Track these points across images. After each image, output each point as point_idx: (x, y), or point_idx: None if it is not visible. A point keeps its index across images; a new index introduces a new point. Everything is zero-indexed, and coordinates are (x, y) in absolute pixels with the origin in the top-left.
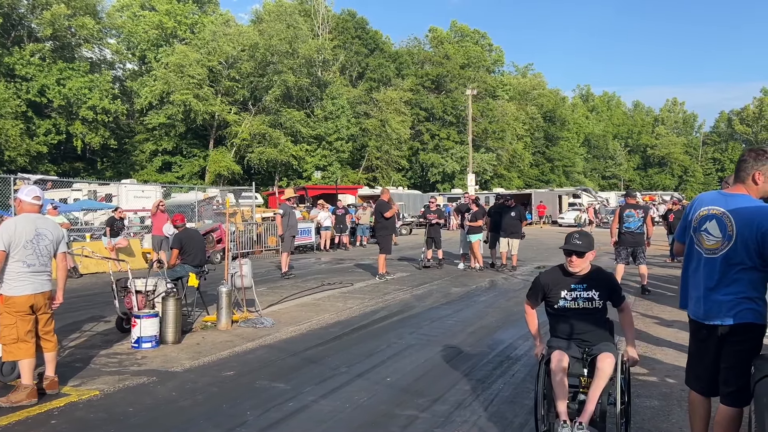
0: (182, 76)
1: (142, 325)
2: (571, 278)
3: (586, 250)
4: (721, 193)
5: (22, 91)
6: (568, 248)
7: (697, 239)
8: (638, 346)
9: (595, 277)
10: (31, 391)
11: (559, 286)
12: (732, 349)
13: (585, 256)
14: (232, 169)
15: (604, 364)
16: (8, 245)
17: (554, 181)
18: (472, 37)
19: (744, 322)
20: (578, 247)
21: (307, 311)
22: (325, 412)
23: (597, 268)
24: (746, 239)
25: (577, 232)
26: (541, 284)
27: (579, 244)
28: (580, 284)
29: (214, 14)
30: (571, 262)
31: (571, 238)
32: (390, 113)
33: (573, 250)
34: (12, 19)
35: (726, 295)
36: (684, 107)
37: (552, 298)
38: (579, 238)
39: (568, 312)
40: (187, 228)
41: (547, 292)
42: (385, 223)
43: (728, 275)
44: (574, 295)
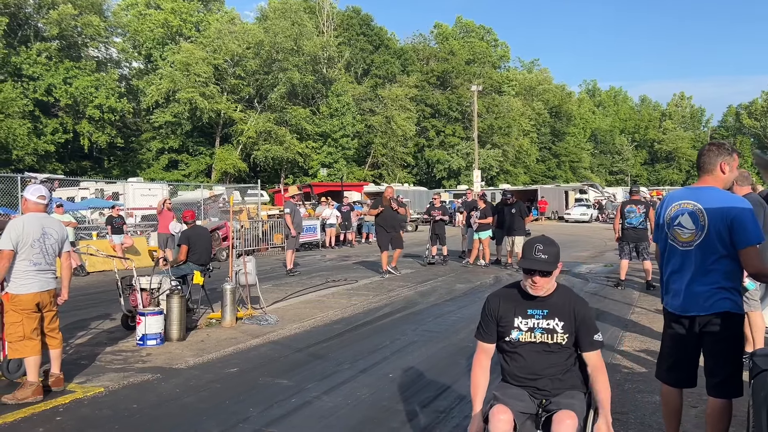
0: (188, 75)
1: (146, 322)
2: (530, 301)
3: (552, 267)
4: (689, 188)
5: (29, 90)
6: (528, 266)
7: (672, 235)
8: (643, 341)
9: (561, 301)
10: (36, 388)
11: (514, 312)
12: (712, 339)
13: (551, 275)
14: (239, 166)
15: (561, 428)
16: (16, 244)
17: (561, 177)
18: (477, 33)
19: (721, 311)
20: (542, 264)
21: (311, 308)
22: (327, 408)
23: (565, 288)
24: (718, 228)
25: (540, 240)
26: (490, 310)
27: (543, 259)
28: (539, 309)
29: (219, 12)
30: (534, 285)
31: (531, 249)
32: (395, 110)
33: (535, 269)
34: (19, 19)
35: (702, 286)
36: (691, 102)
37: (504, 327)
38: (543, 250)
39: (523, 347)
40: (195, 225)
41: (499, 320)
42: (378, 220)
43: (704, 266)
44: (530, 323)
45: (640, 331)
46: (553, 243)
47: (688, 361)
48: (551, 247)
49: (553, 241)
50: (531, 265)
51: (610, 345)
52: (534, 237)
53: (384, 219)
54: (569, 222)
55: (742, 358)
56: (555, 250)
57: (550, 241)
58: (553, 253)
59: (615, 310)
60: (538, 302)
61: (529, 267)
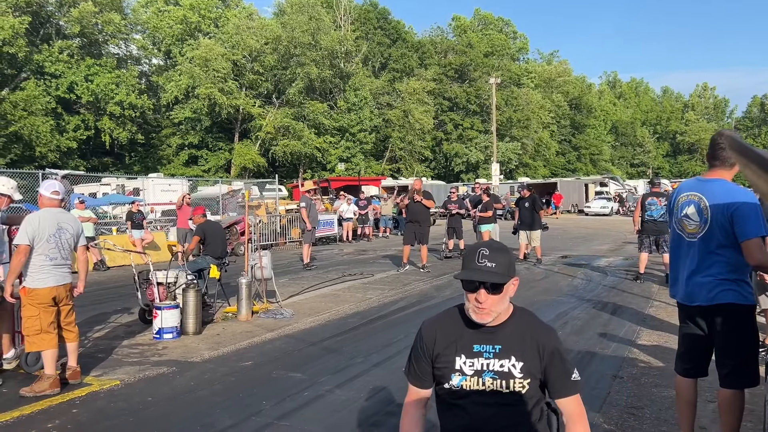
0: (207, 70)
1: (163, 316)
2: (476, 333)
3: (504, 279)
4: (698, 179)
5: (51, 88)
6: (468, 276)
7: (679, 225)
8: (661, 335)
9: (519, 332)
10: (54, 381)
11: (454, 348)
12: (719, 330)
13: (502, 291)
14: (257, 162)
15: None
16: (32, 239)
17: (581, 170)
18: (496, 25)
19: (724, 302)
20: (489, 275)
21: (326, 302)
22: (340, 402)
23: (525, 314)
24: (720, 221)
25: (486, 245)
26: (423, 344)
27: (490, 268)
28: (489, 344)
29: (237, 8)
30: (479, 306)
31: (474, 255)
32: (413, 104)
33: (479, 281)
34: (41, 17)
35: (706, 277)
36: (715, 92)
37: (442, 370)
38: (490, 256)
39: (468, 398)
40: (208, 219)
41: (435, 358)
42: (407, 214)
43: (708, 258)
44: (477, 364)
45: (659, 325)
46: (504, 250)
47: (697, 351)
48: (501, 255)
49: (504, 248)
50: (472, 275)
51: (627, 338)
52: (481, 242)
53: (409, 212)
54: (589, 215)
55: (751, 349)
56: (506, 259)
57: (501, 247)
58: (504, 262)
59: (633, 303)
60: (487, 334)
61: (469, 278)
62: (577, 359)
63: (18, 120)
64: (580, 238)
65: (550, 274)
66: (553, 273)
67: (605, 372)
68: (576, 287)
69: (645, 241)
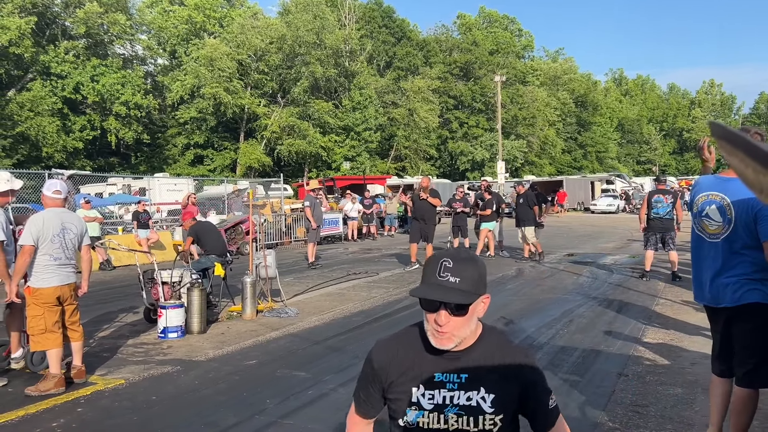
0: (212, 70)
1: (167, 315)
2: (438, 359)
3: (470, 298)
4: (718, 177)
5: (57, 88)
6: (426, 294)
7: (699, 226)
8: (667, 333)
9: (489, 356)
10: (59, 380)
11: (411, 376)
12: (740, 329)
13: (468, 311)
14: (263, 161)
15: None
16: (36, 239)
17: (587, 168)
18: (501, 23)
19: (749, 302)
20: (451, 294)
21: (331, 301)
22: (343, 400)
23: (495, 335)
24: (744, 221)
25: (449, 254)
26: (373, 368)
27: (453, 284)
28: (455, 373)
29: (242, 7)
30: (440, 330)
31: (436, 267)
32: (418, 102)
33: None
34: (47, 18)
35: (730, 278)
36: (722, 89)
37: (396, 402)
38: (453, 269)
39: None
40: (199, 221)
41: (387, 387)
42: (413, 211)
43: (732, 258)
44: (438, 397)
45: (664, 323)
46: (472, 261)
47: (729, 352)
48: (469, 267)
49: (472, 258)
50: (431, 292)
51: (633, 336)
52: (445, 250)
53: (415, 209)
54: (595, 213)
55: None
56: (474, 272)
57: (468, 257)
58: (472, 276)
59: (639, 301)
60: (451, 360)
61: (426, 296)
62: (582, 357)
63: (24, 121)
64: (585, 236)
65: (556, 272)
66: (559, 271)
67: (610, 370)
68: (581, 285)
69: (651, 239)
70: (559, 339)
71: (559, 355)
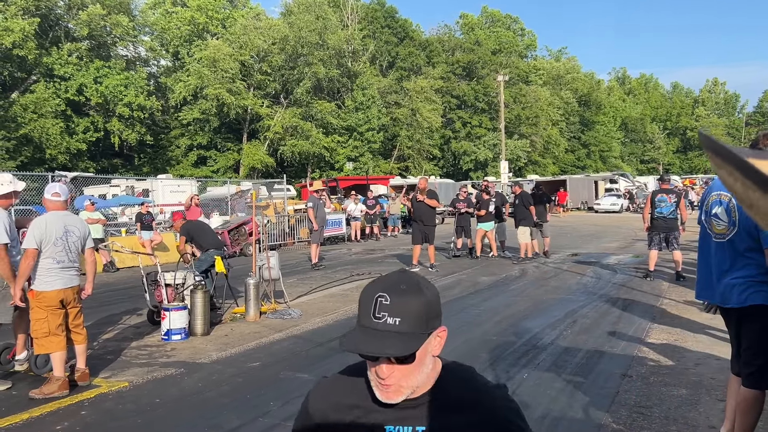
0: (215, 71)
1: (171, 317)
2: (389, 409)
3: (414, 344)
4: None
5: (61, 90)
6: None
7: (708, 224)
8: (671, 333)
9: (452, 404)
10: (62, 383)
11: (356, 428)
12: (746, 330)
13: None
14: (266, 162)
15: None
16: (40, 243)
17: (590, 167)
18: (503, 23)
19: (755, 304)
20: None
21: (334, 302)
22: None
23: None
24: (746, 225)
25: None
26: (309, 418)
27: (392, 326)
28: (409, 424)
29: (244, 8)
30: (382, 383)
31: (371, 303)
32: (421, 102)
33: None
34: (50, 20)
35: (737, 279)
36: (725, 87)
37: None
38: (392, 306)
39: None
40: (189, 220)
41: None
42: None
43: (738, 260)
44: None
45: (668, 323)
46: (414, 290)
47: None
48: (410, 300)
49: (415, 286)
50: (364, 344)
51: (636, 337)
52: (382, 278)
53: (414, 211)
54: (599, 212)
55: None
56: (418, 306)
57: (409, 288)
58: (415, 312)
59: (643, 301)
60: (404, 410)
61: (359, 350)
62: (586, 358)
63: (28, 122)
64: (589, 236)
65: (560, 272)
66: (563, 271)
67: (614, 371)
68: (585, 285)
69: (654, 239)
70: (562, 340)
71: (562, 356)
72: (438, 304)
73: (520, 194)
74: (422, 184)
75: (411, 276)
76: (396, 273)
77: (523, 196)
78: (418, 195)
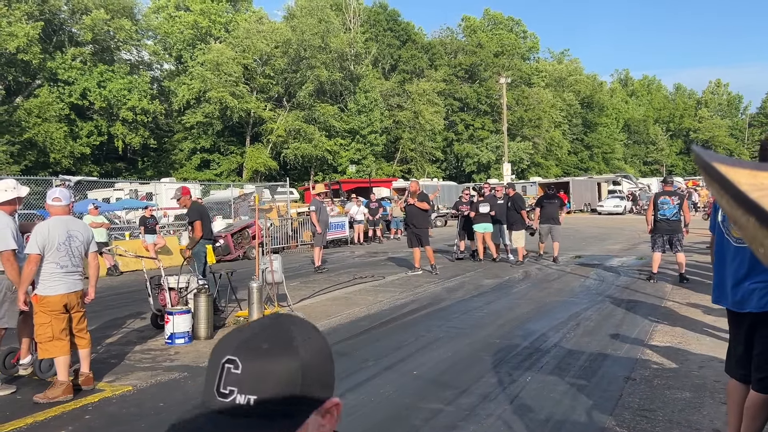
0: (218, 74)
1: (174, 321)
2: None
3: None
4: None
5: (65, 94)
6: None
7: (726, 228)
8: (674, 335)
9: None
10: (66, 387)
11: None
12: (761, 334)
13: None
14: (269, 165)
15: None
16: (42, 248)
17: (593, 169)
18: (506, 25)
19: None
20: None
21: (338, 305)
22: (350, 406)
23: None
24: None
25: (238, 344)
26: None
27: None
28: None
29: (247, 12)
30: None
31: (216, 372)
32: (423, 104)
33: None
34: (53, 25)
35: (756, 283)
36: (728, 89)
37: None
38: (243, 377)
39: None
40: (195, 200)
41: None
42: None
43: (758, 264)
44: None
45: (672, 325)
46: (282, 350)
47: (747, 357)
48: (271, 364)
49: (285, 342)
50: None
51: (640, 339)
52: (240, 330)
53: (407, 215)
54: (602, 214)
55: None
56: (283, 374)
57: (276, 346)
58: (279, 382)
59: (647, 303)
60: None
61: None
62: (590, 361)
63: (32, 127)
64: (592, 238)
65: (563, 275)
66: (566, 273)
67: (617, 374)
68: (588, 287)
69: (658, 241)
70: (566, 342)
71: (566, 359)
72: (325, 366)
73: (513, 197)
74: (413, 187)
75: (283, 325)
76: (261, 321)
77: (516, 200)
78: (409, 198)
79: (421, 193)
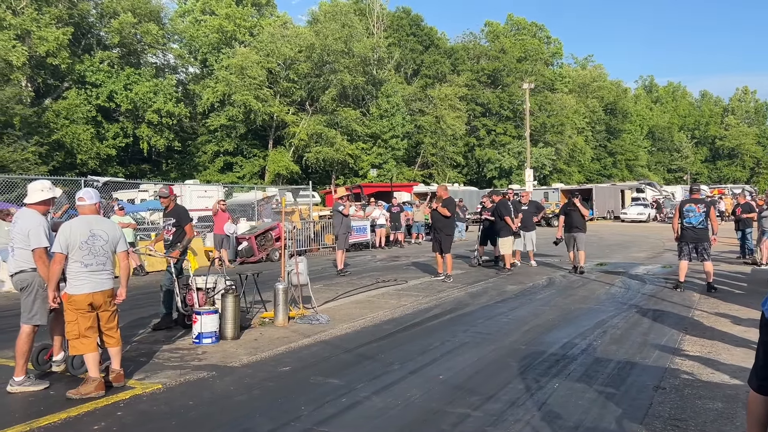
0: (242, 78)
1: (202, 321)
2: None
3: None
4: None
5: (92, 96)
6: None
7: None
8: (704, 345)
9: None
10: (98, 383)
11: None
12: None
13: None
14: (291, 168)
15: None
16: (66, 247)
17: (617, 175)
18: (529, 30)
19: None
20: None
21: (361, 308)
22: (377, 409)
23: None
24: None
25: None
26: None
27: None
28: None
29: (272, 17)
30: None
31: None
32: (445, 109)
33: None
34: (82, 29)
35: None
36: (756, 96)
37: None
38: None
39: None
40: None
41: None
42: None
43: None
44: None
45: (701, 335)
46: None
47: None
48: None
49: None
50: None
51: (669, 348)
52: None
53: (432, 219)
54: (626, 222)
55: None
56: None
57: None
58: None
59: (674, 312)
60: None
61: None
62: (618, 369)
63: (60, 128)
64: (616, 245)
65: (587, 282)
66: (590, 281)
67: (647, 382)
68: (614, 295)
69: (684, 249)
70: (593, 350)
71: (593, 367)
72: None
73: (498, 203)
74: (440, 192)
75: None
76: None
77: (500, 206)
78: (434, 203)
79: (447, 198)
